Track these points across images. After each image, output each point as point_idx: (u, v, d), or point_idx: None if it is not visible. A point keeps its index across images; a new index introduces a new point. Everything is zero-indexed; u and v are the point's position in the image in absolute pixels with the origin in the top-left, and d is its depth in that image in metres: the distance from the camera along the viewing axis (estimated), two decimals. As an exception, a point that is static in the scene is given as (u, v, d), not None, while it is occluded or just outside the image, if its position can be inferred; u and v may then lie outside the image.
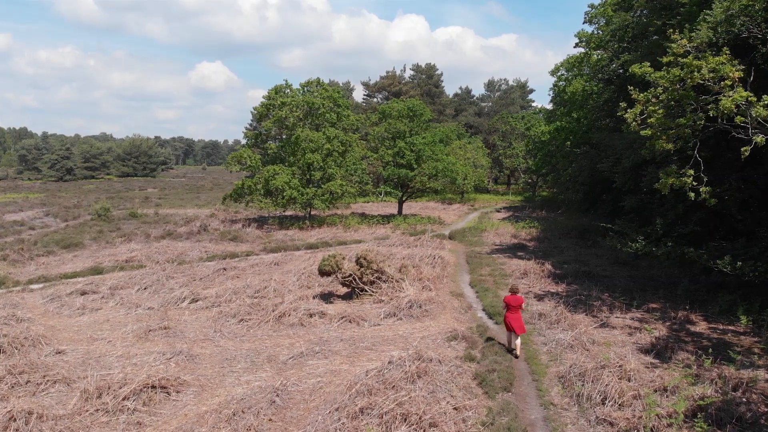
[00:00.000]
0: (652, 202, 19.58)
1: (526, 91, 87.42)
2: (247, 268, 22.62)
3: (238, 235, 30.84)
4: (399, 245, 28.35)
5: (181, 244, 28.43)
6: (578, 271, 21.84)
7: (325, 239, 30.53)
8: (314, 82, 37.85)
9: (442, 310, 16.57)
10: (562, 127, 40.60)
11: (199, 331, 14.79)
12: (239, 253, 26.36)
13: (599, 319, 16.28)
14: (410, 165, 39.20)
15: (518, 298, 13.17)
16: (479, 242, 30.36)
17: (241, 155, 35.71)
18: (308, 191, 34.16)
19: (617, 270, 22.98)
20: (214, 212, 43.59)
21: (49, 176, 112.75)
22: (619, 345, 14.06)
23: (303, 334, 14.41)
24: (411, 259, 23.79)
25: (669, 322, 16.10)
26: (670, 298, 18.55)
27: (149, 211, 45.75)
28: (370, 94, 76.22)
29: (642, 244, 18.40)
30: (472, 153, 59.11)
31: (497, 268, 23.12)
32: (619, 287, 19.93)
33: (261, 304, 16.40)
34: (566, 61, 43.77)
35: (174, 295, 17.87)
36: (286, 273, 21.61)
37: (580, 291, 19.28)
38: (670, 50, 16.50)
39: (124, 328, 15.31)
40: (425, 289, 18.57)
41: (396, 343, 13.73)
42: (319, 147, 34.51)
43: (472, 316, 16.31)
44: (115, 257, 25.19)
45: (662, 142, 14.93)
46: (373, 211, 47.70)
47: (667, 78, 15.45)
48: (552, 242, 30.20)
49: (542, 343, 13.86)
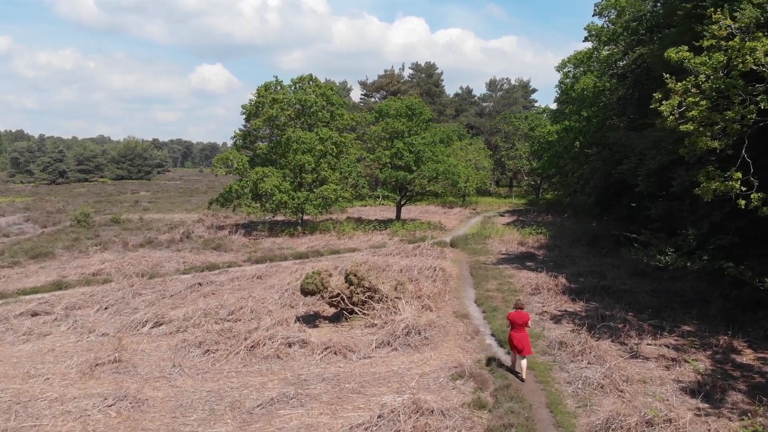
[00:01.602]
0: (682, 209, 17.22)
1: (529, 91, 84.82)
2: (226, 283, 20.26)
3: (223, 243, 28.47)
4: (396, 254, 26.03)
5: (159, 254, 26.07)
6: (596, 285, 19.53)
7: (316, 248, 28.17)
8: (307, 78, 35.39)
9: (445, 336, 14.22)
10: (570, 127, 38.09)
11: (155, 366, 12.44)
12: (220, 264, 24.00)
13: (628, 347, 13.98)
14: (409, 167, 36.69)
15: (524, 314, 11.65)
16: (483, 250, 28.02)
17: (227, 157, 33.22)
18: (300, 195, 31.75)
19: (638, 283, 20.70)
20: (202, 217, 41.18)
21: (41, 179, 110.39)
22: (657, 383, 11.76)
23: (278, 371, 12.05)
24: (409, 272, 21.47)
25: (710, 351, 13.82)
26: (704, 319, 16.35)
27: (134, 216, 43.39)
28: (368, 94, 73.72)
29: (672, 257, 16.04)
30: (474, 154, 56.66)
31: (505, 281, 20.78)
32: (643, 305, 17.71)
33: (233, 329, 14.05)
34: (573, 56, 41.47)
35: (135, 318, 15.51)
36: (268, 288, 19.27)
37: (600, 310, 16.98)
38: (709, 33, 14.20)
39: (69, 360, 12.96)
40: (425, 308, 16.24)
41: (389, 382, 11.37)
42: (312, 148, 32.13)
43: (479, 343, 13.96)
44: (83, 269, 22.82)
45: (706, 140, 12.59)
46: (370, 215, 45.37)
47: (710, 64, 13.12)
48: (562, 250, 27.85)
49: (566, 382, 11.51)
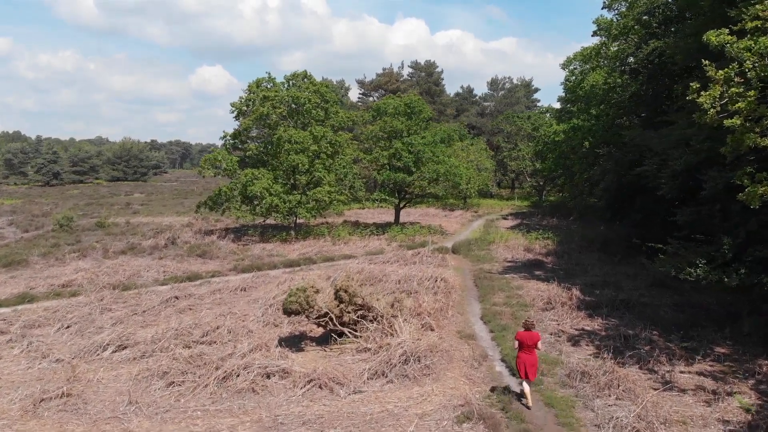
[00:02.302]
0: (713, 215, 15.39)
1: (531, 90, 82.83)
2: (206, 296, 18.41)
3: (209, 249, 26.61)
4: (394, 262, 24.22)
5: (140, 262, 24.22)
6: (614, 299, 17.71)
7: (309, 254, 26.32)
8: (300, 75, 33.53)
9: (449, 362, 12.38)
10: (579, 126, 36.16)
11: (108, 402, 10.59)
12: (203, 273, 22.14)
13: (659, 375, 12.18)
14: (408, 168, 34.79)
15: (534, 335, 10.45)
16: (488, 257, 26.19)
17: (215, 157, 31.36)
18: (292, 198, 29.89)
19: (657, 295, 18.96)
20: (192, 221, 39.36)
21: (35, 181, 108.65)
22: (699, 424, 9.94)
23: (252, 409, 10.20)
24: (408, 283, 19.64)
25: (752, 380, 12.01)
26: (737, 338, 14.62)
27: (121, 219, 41.54)
28: (366, 93, 71.80)
29: (704, 270, 14.21)
30: (476, 155, 54.81)
31: (513, 293, 18.95)
32: (667, 321, 15.96)
33: (204, 355, 12.21)
34: (580, 53, 39.54)
35: (97, 340, 13.68)
36: (251, 302, 17.44)
37: (622, 328, 15.20)
38: (748, 16, 12.42)
39: (14, 392, 11.14)
40: (425, 328, 14.42)
41: (383, 427, 9.53)
42: (305, 148, 30.28)
43: (488, 371, 12.13)
44: (54, 280, 21.00)
45: (754, 137, 10.79)
46: (368, 218, 43.53)
47: (755, 49, 11.33)
48: (572, 257, 26.03)
49: (593, 425, 9.68)
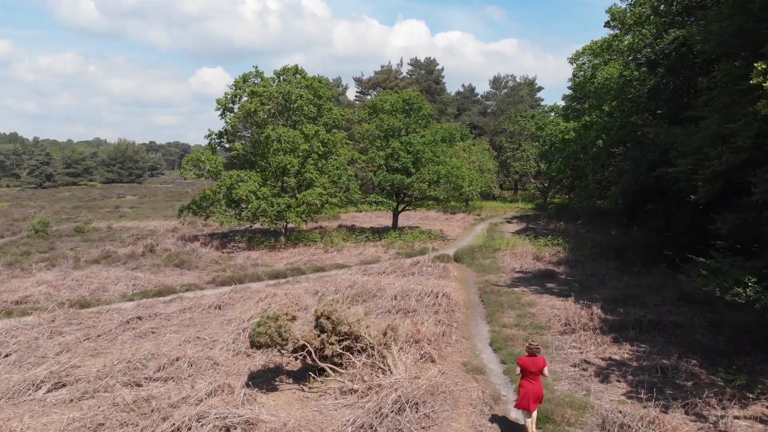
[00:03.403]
0: (762, 224, 13.12)
1: (535, 89, 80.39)
2: (174, 316, 16.11)
3: (188, 259, 24.33)
4: (391, 273, 21.97)
5: (110, 273, 21.97)
6: (641, 319, 15.42)
7: (297, 264, 24.04)
8: (291, 69, 31.25)
9: (453, 408, 10.09)
10: (591, 123, 33.82)
11: (20, 468, 8.35)
12: (178, 287, 19.85)
13: (709, 422, 9.93)
14: (407, 169, 32.50)
15: (538, 360, 9.33)
16: (494, 267, 23.89)
17: (198, 158, 29.11)
18: (280, 202, 27.61)
19: (688, 313, 16.61)
20: (178, 226, 37.09)
21: (27, 183, 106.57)
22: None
23: (200, 481, 7.95)
24: (405, 299, 17.36)
25: (826, 428, 9.76)
26: (791, 367, 12.31)
27: (104, 224, 39.31)
28: (364, 91, 69.48)
29: (755, 289, 11.95)
30: (478, 155, 52.48)
31: (525, 312, 16.66)
32: (706, 347, 13.77)
33: (153, 399, 9.94)
34: (590, 46, 37.32)
35: (33, 375, 11.42)
36: (225, 324, 15.17)
37: (655, 357, 12.93)
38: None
39: None
40: (424, 359, 12.15)
41: None
42: (296, 147, 28.04)
43: (503, 419, 9.84)
44: (9, 295, 18.73)
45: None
46: (365, 222, 41.28)
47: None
48: (586, 267, 23.68)
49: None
